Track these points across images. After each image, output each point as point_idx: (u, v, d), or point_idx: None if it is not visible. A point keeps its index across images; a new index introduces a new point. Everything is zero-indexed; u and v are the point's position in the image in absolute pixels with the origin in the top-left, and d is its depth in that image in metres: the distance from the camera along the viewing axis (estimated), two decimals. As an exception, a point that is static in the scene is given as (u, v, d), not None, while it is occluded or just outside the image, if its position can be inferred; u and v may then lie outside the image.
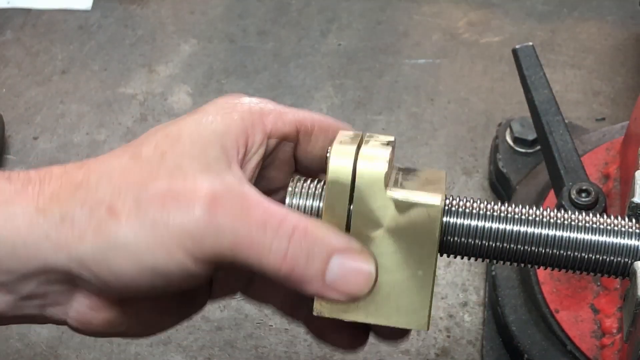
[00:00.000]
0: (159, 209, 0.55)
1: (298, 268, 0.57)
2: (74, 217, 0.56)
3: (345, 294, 0.58)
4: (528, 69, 0.86)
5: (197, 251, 0.56)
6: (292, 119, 0.63)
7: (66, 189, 0.58)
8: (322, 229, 0.58)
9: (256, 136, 0.61)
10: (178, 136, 0.59)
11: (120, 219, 0.56)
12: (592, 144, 0.97)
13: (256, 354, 0.93)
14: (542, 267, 0.63)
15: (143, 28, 1.23)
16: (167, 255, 0.55)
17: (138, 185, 0.56)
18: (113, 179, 0.57)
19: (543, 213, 0.62)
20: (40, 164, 1.08)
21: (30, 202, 0.57)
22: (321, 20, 1.23)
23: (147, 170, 0.57)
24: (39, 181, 0.59)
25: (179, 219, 0.55)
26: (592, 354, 0.82)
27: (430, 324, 0.63)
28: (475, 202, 0.62)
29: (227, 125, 0.60)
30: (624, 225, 0.62)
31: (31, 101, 1.15)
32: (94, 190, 0.57)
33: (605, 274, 0.63)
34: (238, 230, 0.56)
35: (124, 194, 0.56)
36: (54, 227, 0.56)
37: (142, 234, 0.55)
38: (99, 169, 0.58)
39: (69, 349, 0.93)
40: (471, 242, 0.62)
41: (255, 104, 0.63)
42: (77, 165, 0.60)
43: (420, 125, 1.11)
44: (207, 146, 0.58)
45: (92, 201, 0.56)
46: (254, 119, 0.62)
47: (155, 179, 0.56)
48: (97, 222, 0.56)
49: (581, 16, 1.22)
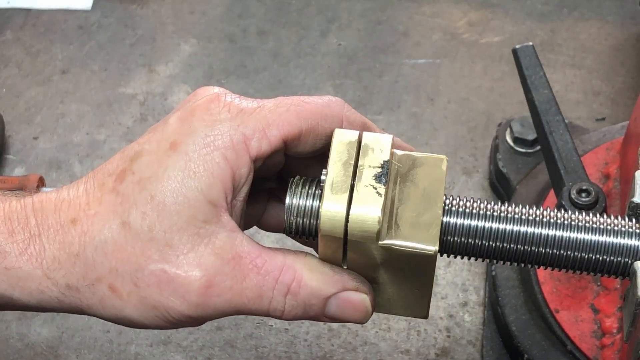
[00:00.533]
0: (157, 293, 0.60)
1: (298, 315, 0.62)
2: (79, 289, 0.61)
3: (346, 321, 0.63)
4: (528, 69, 0.86)
5: (198, 322, 0.62)
6: (277, 134, 0.61)
7: (65, 256, 0.61)
8: (317, 276, 0.61)
9: (242, 170, 0.61)
10: (163, 203, 0.59)
11: (123, 297, 0.61)
12: (592, 144, 0.97)
13: (256, 354, 0.93)
14: (542, 267, 0.63)
15: (143, 28, 1.23)
16: (170, 325, 0.62)
17: (133, 265, 0.60)
18: (108, 254, 0.60)
19: (543, 213, 0.62)
20: (40, 164, 1.08)
21: (37, 265, 0.61)
22: (321, 20, 1.23)
23: (139, 248, 0.59)
24: (38, 235, 0.61)
25: (177, 306, 0.60)
26: (592, 354, 0.82)
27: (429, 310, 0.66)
28: (475, 202, 0.62)
29: (210, 173, 0.59)
30: (624, 225, 0.62)
31: (31, 101, 1.15)
32: (92, 265, 0.60)
33: (605, 274, 0.63)
34: (235, 303, 0.60)
35: (121, 274, 0.60)
36: (62, 293, 0.62)
37: (145, 314, 0.61)
38: (92, 240, 0.60)
39: (69, 349, 0.93)
40: (471, 242, 0.62)
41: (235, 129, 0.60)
42: (69, 217, 0.61)
43: (420, 125, 1.11)
44: (194, 210, 0.59)
45: (93, 277, 0.61)
46: (238, 151, 0.60)
47: (148, 258, 0.59)
48: (101, 297, 0.61)
49: (581, 16, 1.22)
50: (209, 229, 0.59)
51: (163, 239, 0.59)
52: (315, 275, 0.61)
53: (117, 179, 0.61)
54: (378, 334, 0.93)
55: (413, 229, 0.59)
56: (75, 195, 0.62)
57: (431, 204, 0.60)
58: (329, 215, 0.59)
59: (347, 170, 0.60)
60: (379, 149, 0.61)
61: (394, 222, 0.60)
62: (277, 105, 0.62)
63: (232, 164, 0.60)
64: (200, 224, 0.59)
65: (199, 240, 0.59)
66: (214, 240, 0.60)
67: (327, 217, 0.59)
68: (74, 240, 0.60)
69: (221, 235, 0.60)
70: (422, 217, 0.60)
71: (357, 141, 0.61)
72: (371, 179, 0.59)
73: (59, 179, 1.07)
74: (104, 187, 0.61)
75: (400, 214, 0.60)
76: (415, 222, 0.60)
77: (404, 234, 0.59)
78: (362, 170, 0.60)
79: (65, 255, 0.61)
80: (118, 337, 0.94)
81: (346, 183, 0.59)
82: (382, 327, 0.94)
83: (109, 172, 0.61)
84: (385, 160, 0.60)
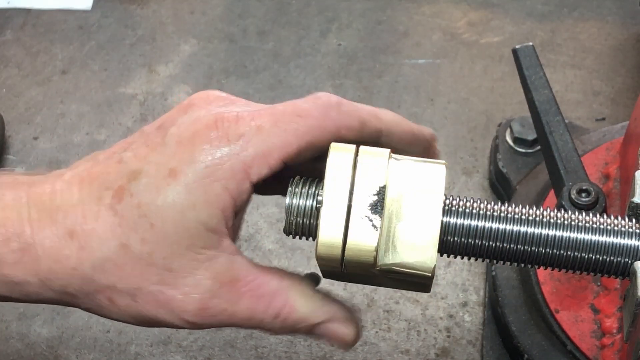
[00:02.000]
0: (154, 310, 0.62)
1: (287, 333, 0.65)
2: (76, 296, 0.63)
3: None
4: (528, 69, 0.86)
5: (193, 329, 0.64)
6: (277, 158, 0.61)
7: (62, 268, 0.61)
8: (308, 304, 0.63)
9: (243, 196, 0.61)
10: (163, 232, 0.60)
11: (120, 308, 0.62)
12: (592, 144, 0.97)
13: (256, 354, 0.93)
14: (542, 267, 0.63)
15: (143, 28, 1.23)
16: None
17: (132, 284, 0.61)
18: (107, 272, 0.61)
19: (543, 213, 0.62)
20: (40, 164, 1.08)
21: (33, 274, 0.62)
22: (321, 20, 1.23)
23: (138, 270, 0.61)
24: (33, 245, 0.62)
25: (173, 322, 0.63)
26: (592, 354, 0.82)
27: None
28: (475, 202, 0.62)
29: (210, 204, 0.60)
30: (624, 225, 0.62)
31: (31, 101, 1.15)
32: (90, 279, 0.61)
33: (605, 274, 0.63)
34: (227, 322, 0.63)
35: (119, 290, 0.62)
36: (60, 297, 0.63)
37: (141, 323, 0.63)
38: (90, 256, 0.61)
39: (69, 349, 0.93)
40: (471, 242, 0.62)
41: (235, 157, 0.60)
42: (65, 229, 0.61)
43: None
44: (194, 239, 0.60)
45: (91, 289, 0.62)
46: (238, 181, 0.60)
47: (147, 280, 0.61)
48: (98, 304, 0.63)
49: (581, 16, 1.22)
50: (209, 253, 0.60)
51: (162, 264, 0.60)
52: (306, 303, 0.63)
53: (115, 196, 0.60)
54: (378, 334, 0.93)
55: (410, 249, 0.59)
56: (70, 204, 0.61)
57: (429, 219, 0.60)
58: (326, 244, 0.59)
59: (343, 192, 0.59)
60: (375, 168, 0.60)
61: (391, 242, 0.59)
62: (275, 124, 0.61)
63: (233, 193, 0.60)
64: (200, 250, 0.60)
65: (198, 264, 0.60)
66: (214, 265, 0.61)
67: (323, 245, 0.59)
68: (71, 254, 0.61)
69: (221, 259, 0.61)
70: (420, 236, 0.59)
71: (352, 160, 0.60)
72: (367, 209, 0.59)
73: (59, 179, 1.07)
74: (100, 201, 0.61)
75: (397, 233, 0.59)
76: (413, 243, 0.59)
77: (400, 255, 0.59)
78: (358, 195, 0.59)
79: (61, 268, 0.61)
80: (118, 337, 0.94)
81: (342, 208, 0.59)
82: (382, 327, 0.94)
83: (106, 185, 0.61)
84: (381, 186, 0.59)
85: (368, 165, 0.60)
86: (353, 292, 0.96)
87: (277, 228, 1.02)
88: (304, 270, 0.98)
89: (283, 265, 0.99)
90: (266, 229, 1.01)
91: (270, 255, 1.00)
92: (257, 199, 1.03)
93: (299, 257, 0.99)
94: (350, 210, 0.59)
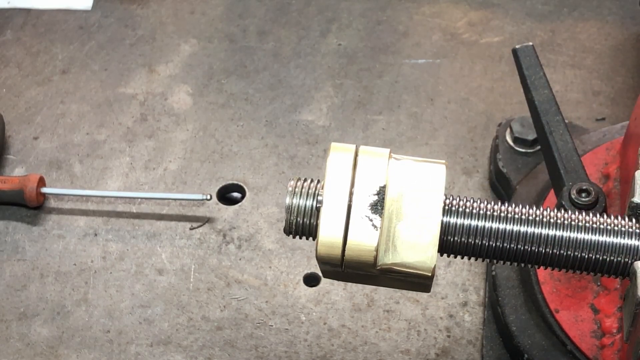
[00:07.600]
0: None
1: None
2: None
3: None
4: (528, 69, 0.86)
5: None
6: None
7: None
8: None
9: None
10: None
11: None
12: (592, 144, 0.97)
13: (256, 354, 0.93)
14: (543, 266, 0.63)
15: (143, 28, 1.23)
16: None
17: None
18: None
19: (543, 213, 0.62)
20: (40, 164, 1.08)
21: None
22: (321, 20, 1.23)
23: None
24: None
25: None
26: (592, 353, 0.82)
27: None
28: (475, 202, 0.62)
29: None
30: (624, 225, 0.62)
31: (31, 101, 1.15)
32: None
33: (605, 274, 0.63)
34: None
35: None
36: None
37: None
38: None
39: (69, 349, 0.93)
40: (471, 241, 0.62)
41: None
42: None
43: (420, 125, 1.11)
44: None
45: None
46: None
47: None
48: None
49: (581, 16, 1.22)
50: None
51: None
52: None
53: None
54: (378, 334, 0.94)
55: (410, 249, 0.59)
56: None
57: (429, 219, 0.60)
58: (326, 243, 0.59)
59: (343, 192, 0.59)
60: (375, 168, 0.60)
61: (391, 242, 0.59)
62: None
63: None
64: None
65: None
66: None
67: (324, 245, 0.59)
68: None
69: None
70: (420, 236, 0.60)
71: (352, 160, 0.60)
72: (367, 209, 0.59)
73: (59, 179, 1.07)
74: None
75: (397, 233, 0.60)
76: (413, 242, 0.60)
77: (401, 255, 0.59)
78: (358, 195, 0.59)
79: None
80: (118, 337, 0.94)
81: (343, 208, 0.59)
82: (382, 327, 0.94)
83: None
84: (381, 186, 0.60)
85: (368, 165, 0.60)
86: (353, 292, 0.96)
87: (277, 228, 1.02)
88: (304, 270, 0.98)
89: (283, 265, 0.99)
90: (266, 229, 1.01)
91: (270, 255, 1.00)
92: (257, 198, 1.03)
93: (299, 257, 0.99)
94: (350, 210, 0.59)
